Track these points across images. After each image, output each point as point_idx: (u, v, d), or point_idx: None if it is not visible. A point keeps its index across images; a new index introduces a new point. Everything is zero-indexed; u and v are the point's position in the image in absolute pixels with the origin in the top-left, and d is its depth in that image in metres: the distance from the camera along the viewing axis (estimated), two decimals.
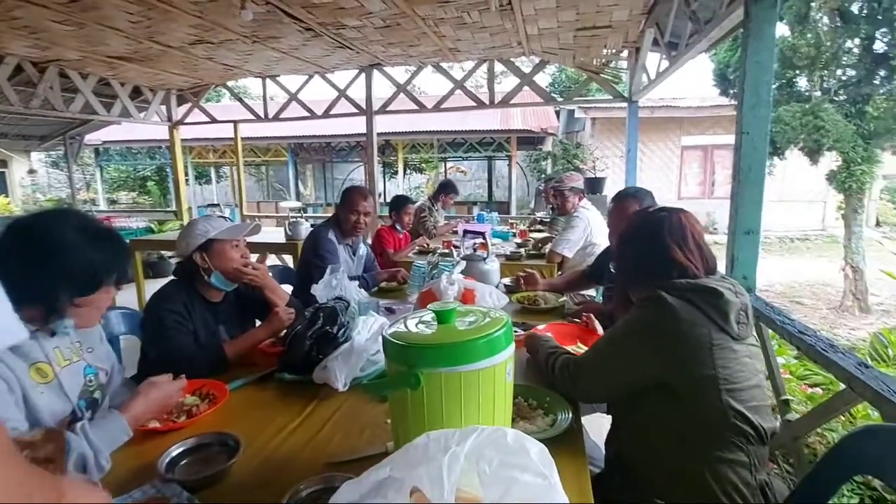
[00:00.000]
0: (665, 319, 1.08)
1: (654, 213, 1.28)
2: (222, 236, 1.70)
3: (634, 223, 1.31)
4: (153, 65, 5.07)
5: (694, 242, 1.20)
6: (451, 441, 0.72)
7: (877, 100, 5.46)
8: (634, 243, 1.27)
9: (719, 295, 1.09)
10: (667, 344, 1.08)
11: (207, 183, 15.95)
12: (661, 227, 1.20)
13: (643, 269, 1.22)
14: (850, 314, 6.00)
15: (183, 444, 1.08)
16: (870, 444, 1.06)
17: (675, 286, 1.12)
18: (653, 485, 1.15)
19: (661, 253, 1.18)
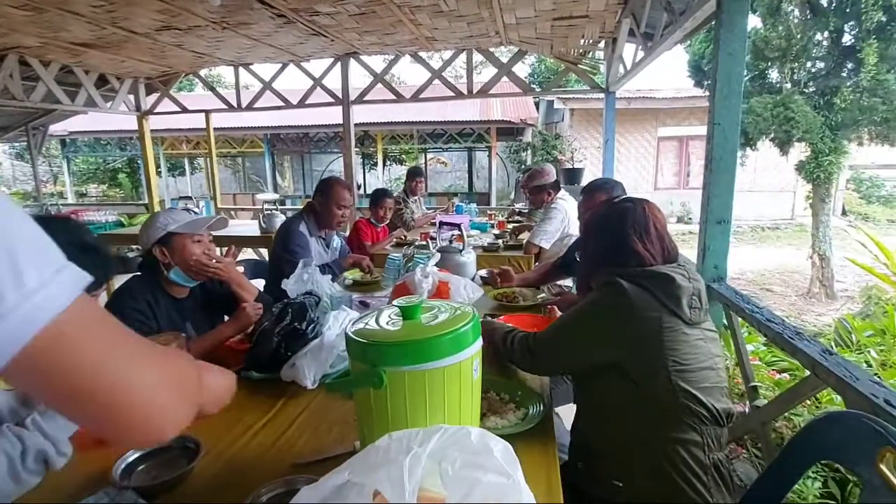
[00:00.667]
0: (618, 302, 1.12)
1: (619, 203, 1.32)
2: (182, 230, 1.64)
3: (600, 213, 1.35)
4: (118, 52, 4.88)
5: (656, 233, 1.23)
6: (413, 442, 0.70)
7: (844, 92, 5.59)
8: (598, 233, 1.32)
9: (671, 280, 1.13)
10: (619, 325, 1.12)
11: (181, 175, 15.55)
12: (625, 218, 1.24)
13: (605, 258, 1.26)
14: (817, 300, 6.19)
15: (139, 450, 1.03)
16: (832, 431, 1.08)
17: (630, 273, 1.17)
18: (611, 468, 1.17)
19: (622, 243, 1.22)
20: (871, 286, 4.84)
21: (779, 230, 11.04)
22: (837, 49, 5.64)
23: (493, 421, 1.13)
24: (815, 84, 5.88)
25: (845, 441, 1.04)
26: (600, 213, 1.35)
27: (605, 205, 1.39)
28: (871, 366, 2.13)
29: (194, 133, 12.22)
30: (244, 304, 1.65)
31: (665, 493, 1.10)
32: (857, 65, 5.44)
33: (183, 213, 1.71)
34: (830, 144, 5.71)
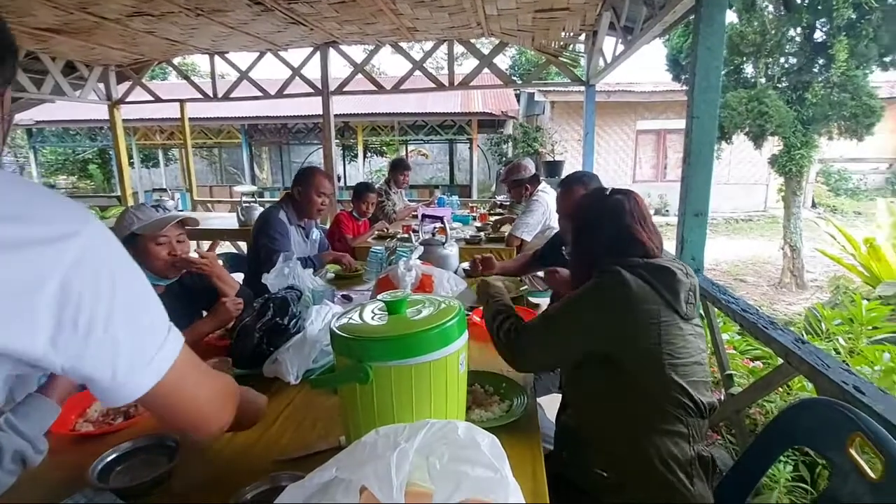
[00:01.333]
0: (617, 291, 1.11)
1: (612, 194, 1.29)
2: (143, 231, 1.57)
3: (595, 204, 1.31)
4: (88, 38, 4.69)
5: (651, 223, 1.24)
6: (400, 437, 0.70)
7: (815, 87, 5.74)
8: (598, 224, 1.27)
9: (672, 274, 1.13)
10: (616, 315, 1.11)
11: (155, 166, 15.14)
12: (624, 209, 1.23)
13: (608, 249, 1.22)
14: (788, 290, 6.38)
15: (117, 449, 1.01)
16: (805, 417, 1.12)
17: (631, 263, 1.15)
18: (597, 457, 1.18)
19: (625, 232, 1.21)
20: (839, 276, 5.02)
21: (752, 222, 11.32)
22: (809, 45, 5.78)
23: (477, 414, 1.14)
24: (787, 79, 6.02)
25: (817, 427, 1.08)
26: (596, 205, 1.30)
27: (595, 196, 1.34)
28: (840, 353, 2.21)
29: (168, 123, 11.90)
30: (224, 300, 1.61)
31: (650, 482, 1.11)
32: (828, 61, 5.58)
33: (150, 210, 1.62)
34: (802, 138, 5.87)
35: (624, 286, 1.11)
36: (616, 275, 1.13)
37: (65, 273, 0.48)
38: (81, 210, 0.53)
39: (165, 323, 0.60)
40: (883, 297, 3.44)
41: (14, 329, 0.46)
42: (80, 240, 0.50)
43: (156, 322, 0.59)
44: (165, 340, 0.59)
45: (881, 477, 0.90)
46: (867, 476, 0.93)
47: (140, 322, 0.56)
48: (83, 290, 0.50)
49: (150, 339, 0.57)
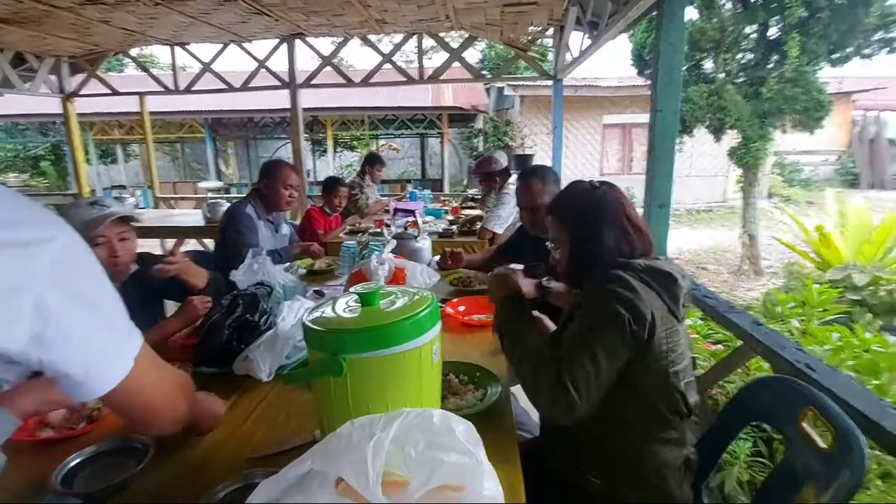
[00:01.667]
0: (636, 307, 1.03)
1: (603, 189, 1.25)
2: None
3: (590, 203, 1.22)
4: (37, 28, 4.45)
5: (635, 211, 1.24)
6: (375, 427, 0.71)
7: (770, 82, 5.99)
8: (598, 225, 1.19)
9: (674, 280, 1.11)
10: (639, 330, 1.03)
11: (114, 162, 14.52)
12: (618, 203, 1.21)
13: (611, 250, 1.17)
14: (746, 277, 6.66)
15: (82, 453, 0.98)
16: (762, 394, 1.18)
17: (633, 266, 1.11)
18: (589, 461, 1.17)
19: (627, 229, 1.18)
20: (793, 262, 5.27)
21: (712, 212, 11.74)
22: (764, 42, 6.02)
23: (453, 402, 1.16)
24: (745, 74, 6.26)
25: (773, 403, 1.14)
26: (589, 203, 1.22)
27: (583, 193, 1.26)
28: (794, 334, 2.33)
29: (126, 117, 11.42)
30: (191, 297, 1.57)
31: (643, 491, 1.11)
32: (781, 57, 5.83)
33: (84, 208, 1.46)
34: (758, 131, 6.12)
35: (636, 296, 1.04)
36: (626, 283, 1.06)
37: (45, 275, 0.52)
38: (55, 216, 0.58)
39: (128, 321, 0.65)
40: (832, 281, 3.64)
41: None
42: (56, 243, 0.54)
43: (121, 321, 0.63)
44: (129, 337, 0.64)
45: (831, 447, 0.96)
46: (818, 447, 0.99)
47: (108, 321, 0.61)
48: (61, 292, 0.54)
49: (116, 337, 0.62)
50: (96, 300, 0.60)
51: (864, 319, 3.26)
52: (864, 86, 13.04)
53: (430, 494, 0.65)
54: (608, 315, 1.04)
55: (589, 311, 1.10)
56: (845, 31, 5.68)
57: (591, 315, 1.08)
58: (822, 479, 0.96)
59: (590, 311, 1.10)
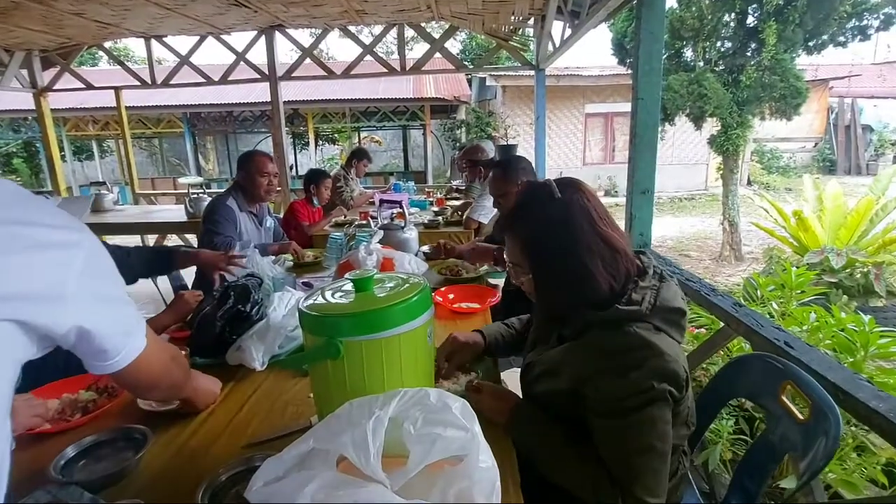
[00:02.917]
0: (670, 372, 0.90)
1: (567, 196, 0.98)
2: None
3: (550, 218, 0.97)
4: (6, 20, 4.31)
5: (610, 220, 1.01)
6: (374, 406, 0.73)
7: (749, 70, 6.10)
8: (568, 248, 0.95)
9: (683, 314, 1.00)
10: (678, 393, 0.93)
11: (89, 159, 14.18)
12: (590, 216, 0.97)
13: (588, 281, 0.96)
14: (727, 263, 6.81)
15: (80, 444, 0.98)
16: (742, 372, 1.23)
17: (640, 315, 0.94)
18: None
19: (604, 251, 0.96)
20: (773, 247, 5.41)
21: (694, 200, 11.94)
22: (742, 30, 6.11)
23: (445, 387, 1.18)
24: (724, 62, 6.36)
25: (753, 379, 1.19)
26: (552, 220, 0.97)
27: (535, 206, 1.00)
28: (774, 316, 2.41)
29: (102, 112, 11.15)
30: (182, 292, 1.57)
31: None
32: (759, 45, 5.93)
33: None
34: (738, 119, 6.23)
35: (668, 362, 0.90)
36: (649, 348, 0.90)
37: (80, 271, 0.65)
38: (79, 221, 0.70)
39: (135, 305, 0.78)
40: (810, 265, 3.76)
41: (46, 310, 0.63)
42: (85, 244, 0.67)
43: (133, 305, 0.77)
44: (140, 317, 0.78)
45: (808, 418, 1.00)
46: (797, 419, 1.04)
47: (127, 305, 0.76)
48: (93, 284, 0.68)
49: (135, 317, 0.77)
50: (117, 290, 0.74)
51: (840, 301, 3.38)
52: (839, 73, 13.34)
53: (429, 468, 0.68)
54: (645, 395, 0.88)
55: (609, 392, 0.91)
56: (821, 19, 5.80)
57: (619, 400, 0.90)
58: (799, 448, 1.01)
59: (611, 392, 0.91)
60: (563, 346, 1.05)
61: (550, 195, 0.98)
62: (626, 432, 0.90)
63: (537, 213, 0.99)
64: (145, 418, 1.13)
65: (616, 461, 0.90)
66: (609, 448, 0.92)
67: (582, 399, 0.97)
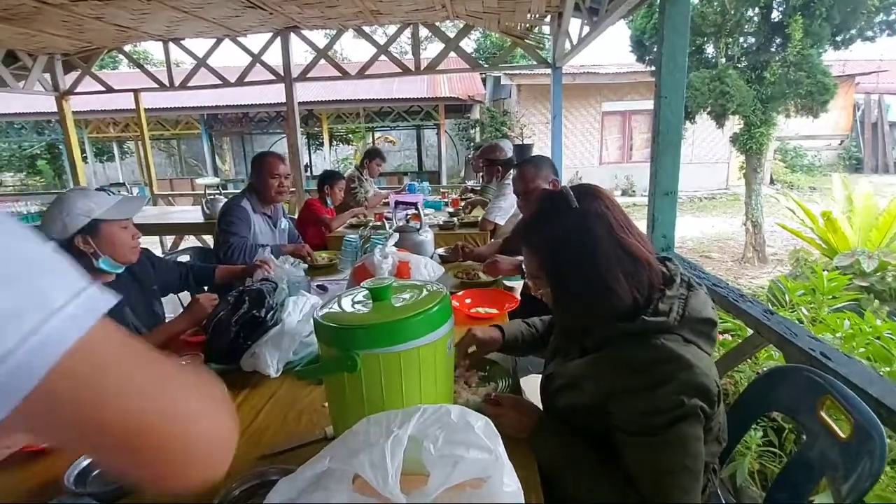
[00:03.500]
0: (701, 386, 0.85)
1: (585, 206, 0.93)
2: (110, 216, 1.48)
3: (568, 230, 0.92)
4: (28, 25, 4.39)
5: (631, 225, 0.96)
6: (392, 424, 0.69)
7: (773, 66, 5.93)
8: (587, 263, 0.91)
9: (714, 325, 0.95)
10: (709, 409, 0.88)
11: (110, 160, 14.46)
12: (610, 225, 0.92)
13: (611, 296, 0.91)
14: (750, 265, 6.64)
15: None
16: (777, 385, 1.17)
17: (667, 327, 0.89)
18: None
19: (626, 262, 0.91)
20: (799, 249, 5.25)
21: (715, 199, 11.70)
22: (767, 25, 5.95)
23: (464, 397, 1.14)
24: (747, 59, 6.19)
25: (789, 393, 1.13)
26: (574, 230, 0.92)
27: (553, 218, 0.96)
28: (803, 322, 2.32)
29: (122, 115, 11.35)
30: (197, 296, 1.56)
31: None
32: (784, 40, 5.76)
33: (101, 194, 1.52)
34: (761, 117, 6.07)
35: (700, 376, 0.85)
36: (679, 362, 0.85)
37: None
38: None
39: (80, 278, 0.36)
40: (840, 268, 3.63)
41: None
42: None
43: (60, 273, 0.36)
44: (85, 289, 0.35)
45: (850, 437, 0.94)
46: (837, 436, 0.98)
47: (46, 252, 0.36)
48: None
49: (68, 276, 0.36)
50: None
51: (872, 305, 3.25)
52: (866, 68, 12.96)
53: (450, 491, 0.64)
54: (676, 411, 0.84)
55: (637, 408, 0.87)
56: (848, 13, 5.62)
57: (648, 417, 0.85)
58: (840, 468, 0.95)
59: (639, 409, 0.86)
60: (587, 358, 1.01)
61: (567, 205, 0.93)
62: (656, 450, 0.85)
63: (553, 224, 0.95)
64: None
65: (646, 480, 0.86)
66: (638, 467, 0.87)
67: (607, 415, 0.93)
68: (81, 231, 1.45)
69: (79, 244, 1.45)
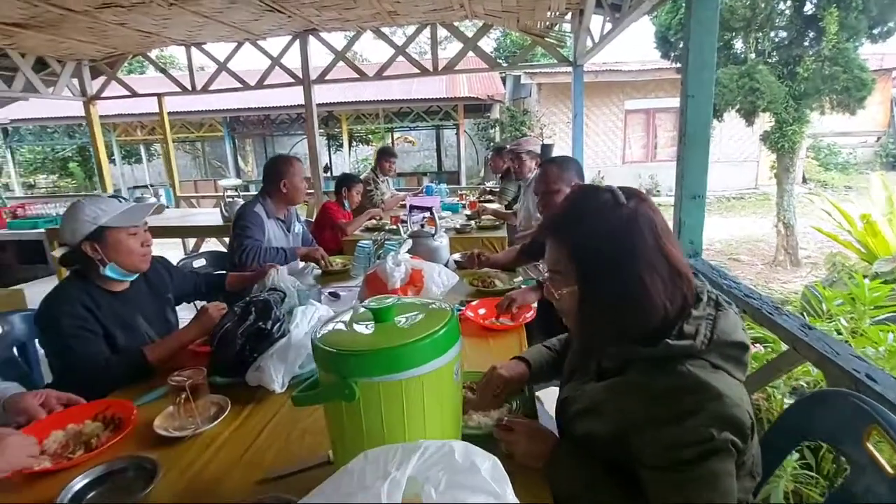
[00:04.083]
0: (732, 418, 0.77)
1: (633, 206, 0.85)
2: (116, 223, 1.46)
3: (613, 226, 0.84)
4: (56, 32, 4.49)
5: (672, 235, 0.89)
6: (390, 463, 0.63)
7: (806, 61, 5.68)
8: (627, 264, 0.82)
9: (746, 349, 0.86)
10: (742, 443, 0.79)
11: (138, 162, 14.83)
12: (656, 232, 0.84)
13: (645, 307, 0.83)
14: (782, 268, 6.38)
15: (89, 475, 0.93)
16: (818, 411, 1.07)
17: (693, 351, 0.81)
18: None
19: (664, 271, 0.83)
20: (835, 253, 5.00)
21: (744, 200, 11.33)
22: (800, 18, 5.70)
23: (475, 420, 1.07)
24: (778, 54, 5.94)
25: (831, 420, 1.03)
26: (605, 232, 0.84)
27: (595, 209, 0.86)
28: (842, 334, 2.17)
29: (148, 118, 11.61)
30: (206, 305, 1.53)
31: None
32: (818, 34, 5.51)
33: (111, 201, 1.51)
34: (794, 114, 5.81)
35: (732, 409, 0.77)
36: (707, 392, 0.77)
37: None
38: None
39: None
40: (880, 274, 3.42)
41: None
42: None
43: None
44: None
45: None
46: (885, 471, 0.88)
47: None
48: None
49: None
50: None
51: None
52: None
53: None
54: (705, 445, 0.76)
55: (662, 442, 0.79)
56: (886, 5, 5.35)
57: (674, 451, 0.77)
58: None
59: (664, 442, 0.78)
60: (605, 382, 0.93)
61: (615, 200, 0.85)
62: (684, 488, 0.77)
63: (596, 219, 0.85)
64: (157, 444, 1.08)
65: None
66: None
67: (628, 447, 0.85)
68: (88, 237, 1.44)
69: (86, 250, 1.44)
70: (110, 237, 1.45)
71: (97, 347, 1.39)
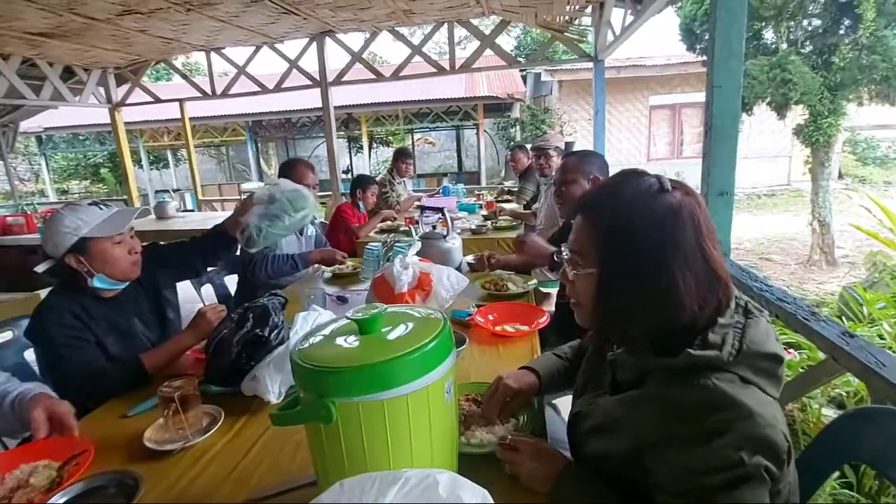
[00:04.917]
0: (766, 440, 0.68)
1: (679, 196, 0.76)
2: (98, 233, 1.39)
3: (654, 212, 0.75)
4: (81, 41, 4.60)
5: (715, 237, 0.80)
6: (366, 496, 0.56)
7: (843, 50, 5.38)
8: (665, 255, 0.74)
9: (780, 361, 0.77)
10: (777, 470, 0.69)
11: (165, 167, 15.20)
12: (699, 227, 0.75)
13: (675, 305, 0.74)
14: (817, 268, 6.08)
15: (69, 491, 0.89)
16: (864, 430, 0.95)
17: (720, 363, 0.72)
18: None
19: (700, 271, 0.75)
20: (876, 252, 4.72)
21: (775, 196, 10.90)
22: (834, 5, 5.41)
23: (478, 436, 0.99)
24: (812, 43, 5.65)
25: (881, 441, 0.91)
26: (645, 216, 0.75)
27: (636, 192, 0.78)
28: (885, 339, 2.01)
29: (174, 124, 11.86)
30: (203, 310, 1.49)
31: None
32: (854, 21, 5.22)
33: (91, 209, 1.43)
34: (829, 106, 5.52)
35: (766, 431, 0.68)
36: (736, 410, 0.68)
37: None
38: None
39: None
40: None
41: None
42: None
43: None
44: None
45: None
46: None
47: None
48: None
49: None
50: None
51: None
52: None
53: None
54: (734, 471, 0.66)
55: (683, 465, 0.70)
56: None
57: (697, 476, 0.68)
58: None
59: (686, 466, 0.69)
60: (621, 396, 0.84)
61: (661, 187, 0.77)
62: None
63: (635, 201, 0.77)
64: (144, 457, 1.03)
65: None
66: None
67: (646, 470, 0.75)
68: (72, 249, 1.38)
69: (71, 263, 1.39)
70: (94, 248, 1.39)
71: (91, 355, 1.36)
